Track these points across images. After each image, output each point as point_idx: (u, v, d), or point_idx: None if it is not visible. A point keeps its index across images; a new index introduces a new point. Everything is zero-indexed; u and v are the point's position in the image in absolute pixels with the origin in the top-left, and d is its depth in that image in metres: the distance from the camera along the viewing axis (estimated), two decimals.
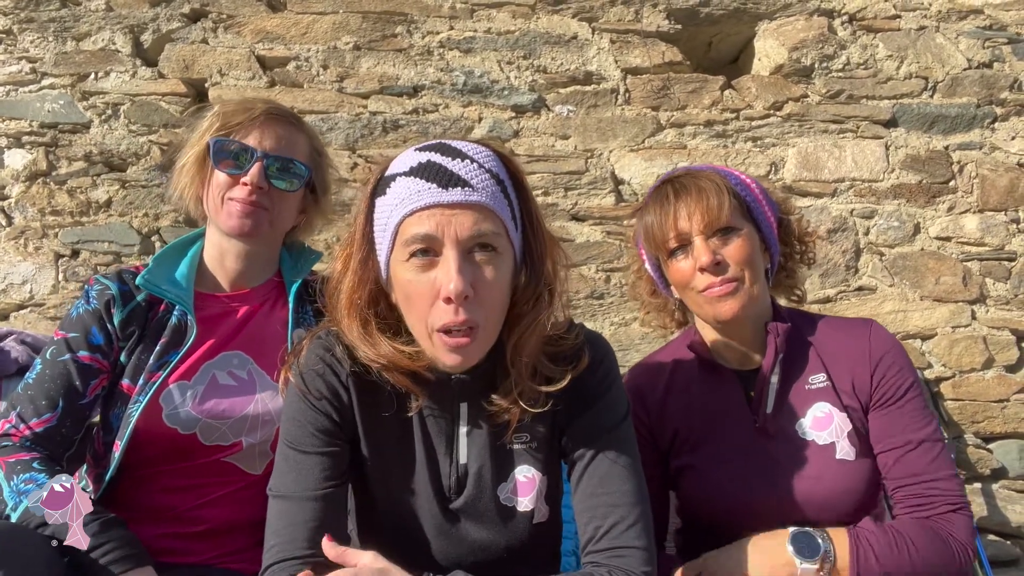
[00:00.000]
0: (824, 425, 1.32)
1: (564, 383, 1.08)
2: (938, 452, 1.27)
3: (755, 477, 1.31)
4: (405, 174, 1.02)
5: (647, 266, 1.47)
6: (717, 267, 1.29)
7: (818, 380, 1.35)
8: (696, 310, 1.39)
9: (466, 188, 0.99)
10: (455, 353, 1.01)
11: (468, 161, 1.01)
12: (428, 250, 0.99)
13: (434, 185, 0.99)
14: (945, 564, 1.17)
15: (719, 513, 1.33)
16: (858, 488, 1.29)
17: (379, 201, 1.05)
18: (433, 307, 0.99)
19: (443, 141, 1.06)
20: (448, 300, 0.97)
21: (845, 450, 1.30)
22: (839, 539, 1.19)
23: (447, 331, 0.99)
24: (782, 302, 1.50)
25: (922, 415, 1.30)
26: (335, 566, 1.00)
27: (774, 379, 1.35)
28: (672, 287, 1.42)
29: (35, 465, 1.24)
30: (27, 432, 1.29)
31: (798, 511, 1.28)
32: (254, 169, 1.36)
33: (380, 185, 1.06)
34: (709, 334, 1.42)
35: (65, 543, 1.11)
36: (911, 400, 1.30)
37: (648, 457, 1.35)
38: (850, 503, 1.28)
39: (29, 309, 2.53)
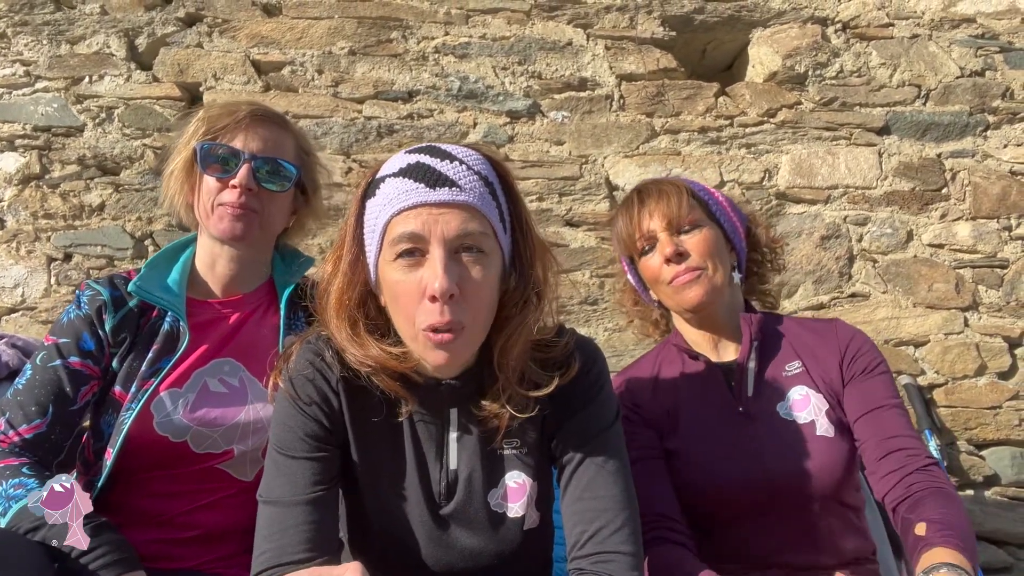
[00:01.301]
0: (803, 406, 1.40)
1: (550, 389, 1.08)
2: (908, 420, 1.37)
3: (741, 457, 1.37)
4: (394, 175, 1.02)
5: (628, 276, 1.56)
6: (680, 257, 1.40)
7: (794, 367, 1.44)
8: (668, 302, 1.49)
9: (453, 188, 0.99)
10: (441, 350, 1.00)
11: (456, 163, 1.01)
12: (415, 250, 0.99)
13: (422, 185, 0.99)
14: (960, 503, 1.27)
15: (708, 496, 1.37)
16: (839, 462, 1.35)
17: (369, 203, 1.05)
18: (419, 306, 0.99)
19: (433, 144, 1.06)
20: (433, 299, 0.97)
21: (825, 427, 1.37)
22: (959, 560, 1.14)
23: (433, 329, 0.99)
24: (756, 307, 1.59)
25: (891, 387, 1.39)
26: None
27: (751, 365, 1.44)
28: (649, 289, 1.52)
29: (24, 470, 1.23)
30: (16, 438, 1.27)
31: (786, 487, 1.34)
32: (242, 171, 1.35)
33: (370, 187, 1.06)
34: (687, 330, 1.52)
35: (65, 543, 1.11)
36: (881, 375, 1.40)
37: (651, 440, 1.43)
38: (832, 478, 1.34)
39: (21, 313, 2.52)
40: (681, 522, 1.34)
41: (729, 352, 1.48)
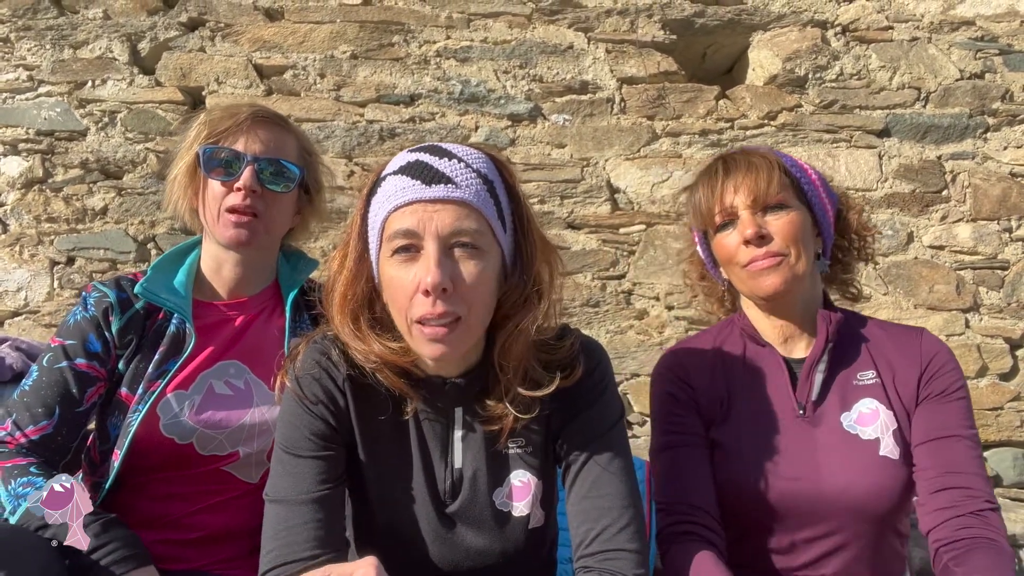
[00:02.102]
0: (870, 421, 1.29)
1: (551, 389, 1.08)
2: (978, 454, 1.26)
3: (792, 463, 1.28)
4: (394, 173, 1.04)
5: (698, 248, 1.45)
6: (761, 240, 1.28)
7: (867, 376, 1.33)
8: (740, 287, 1.37)
9: (449, 185, 1.00)
10: (434, 343, 1.00)
11: (455, 160, 1.02)
12: (410, 246, 1.00)
13: (418, 182, 1.00)
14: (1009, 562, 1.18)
15: (748, 497, 1.28)
16: (898, 487, 1.26)
17: (372, 201, 1.06)
18: (413, 300, 1.00)
19: (435, 143, 1.07)
20: (426, 293, 0.98)
21: (889, 447, 1.27)
22: None
23: (425, 322, 0.99)
24: (835, 299, 1.47)
25: (967, 416, 1.28)
26: None
27: (821, 367, 1.33)
28: (720, 267, 1.40)
29: (32, 469, 1.23)
30: (23, 440, 1.28)
31: (834, 504, 1.26)
32: (246, 174, 1.36)
33: (374, 185, 1.07)
34: (756, 317, 1.39)
35: (65, 543, 1.11)
36: (959, 400, 1.29)
37: (696, 426, 1.34)
38: (887, 502, 1.25)
39: (24, 316, 2.53)
40: (716, 518, 1.26)
41: (799, 348, 1.36)
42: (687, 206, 1.42)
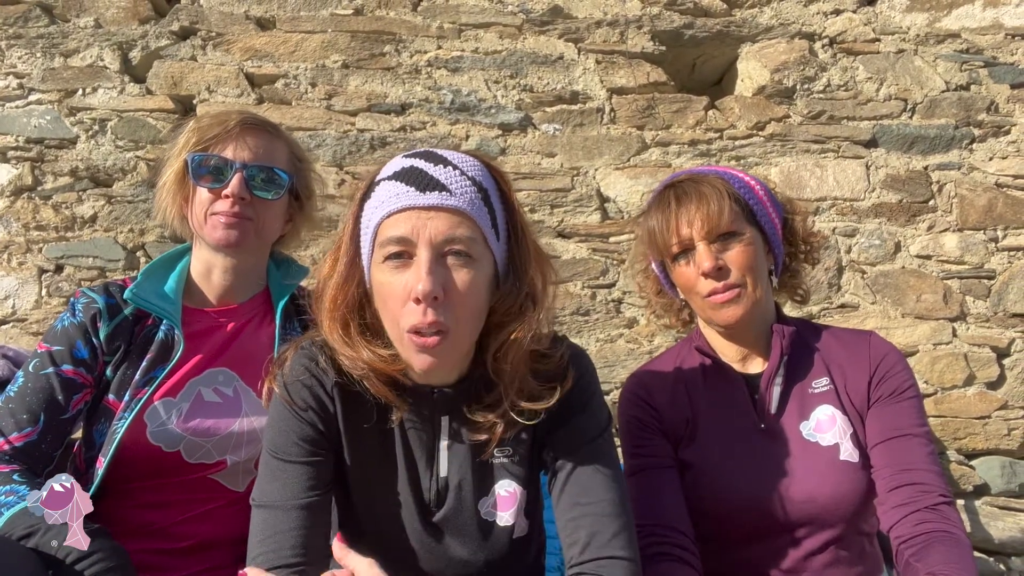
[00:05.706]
0: (827, 427, 1.33)
1: (552, 401, 1.07)
2: (931, 450, 1.29)
3: (759, 476, 1.31)
4: (389, 178, 1.03)
5: (653, 266, 1.47)
6: (719, 272, 1.31)
7: (821, 384, 1.37)
8: (700, 314, 1.41)
9: (443, 192, 1.00)
10: (424, 354, 1.00)
11: (450, 168, 1.02)
12: (403, 252, 1.00)
13: (412, 189, 1.00)
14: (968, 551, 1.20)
15: (720, 512, 1.32)
16: (860, 489, 1.30)
17: (366, 205, 1.06)
18: (405, 308, 1.00)
19: (430, 149, 1.07)
20: (417, 300, 0.97)
21: (849, 451, 1.31)
22: None
23: (417, 331, 0.99)
24: (786, 306, 1.49)
25: (919, 414, 1.32)
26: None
27: (778, 380, 1.37)
28: (678, 289, 1.43)
29: (15, 477, 1.22)
30: (6, 447, 1.27)
31: (801, 511, 1.29)
32: (234, 181, 1.36)
33: (369, 189, 1.07)
34: (713, 337, 1.44)
35: (65, 543, 1.10)
36: (909, 399, 1.33)
37: (664, 448, 1.37)
38: (852, 505, 1.29)
39: (11, 324, 2.51)
40: (689, 537, 1.28)
41: (756, 363, 1.40)
42: (640, 236, 1.44)
